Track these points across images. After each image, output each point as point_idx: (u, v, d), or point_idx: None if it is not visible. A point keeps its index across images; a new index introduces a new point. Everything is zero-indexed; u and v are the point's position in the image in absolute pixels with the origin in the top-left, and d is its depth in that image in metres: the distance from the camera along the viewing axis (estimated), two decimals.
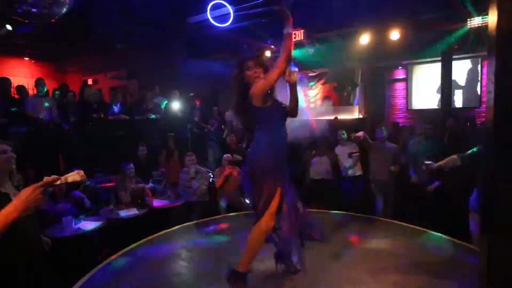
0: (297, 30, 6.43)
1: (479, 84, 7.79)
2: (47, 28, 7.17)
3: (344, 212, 3.67)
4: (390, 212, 4.25)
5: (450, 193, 3.97)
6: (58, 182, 1.38)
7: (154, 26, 6.85)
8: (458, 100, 7.94)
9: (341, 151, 4.85)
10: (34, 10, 3.14)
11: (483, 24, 5.50)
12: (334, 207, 4.06)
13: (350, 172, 4.76)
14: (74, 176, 1.45)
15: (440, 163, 2.96)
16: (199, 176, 4.69)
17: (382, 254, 2.64)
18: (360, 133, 4.17)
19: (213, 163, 5.83)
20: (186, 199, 4.65)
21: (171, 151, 5.48)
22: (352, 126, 6.59)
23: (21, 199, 1.27)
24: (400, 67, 8.69)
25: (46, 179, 1.34)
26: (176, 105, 6.70)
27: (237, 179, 4.67)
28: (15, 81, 6.52)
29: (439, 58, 6.89)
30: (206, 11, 6.48)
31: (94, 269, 2.44)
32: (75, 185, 4.21)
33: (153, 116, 6.44)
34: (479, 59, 7.70)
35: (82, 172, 1.47)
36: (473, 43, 5.98)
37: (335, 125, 6.27)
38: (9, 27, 5.04)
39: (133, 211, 4.17)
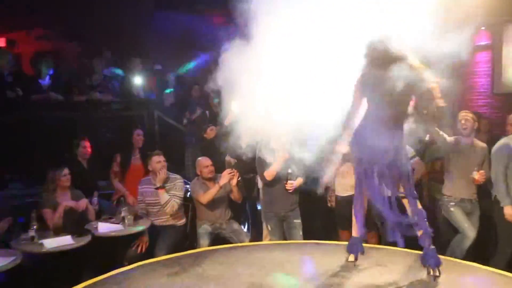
0: None
1: None
2: None
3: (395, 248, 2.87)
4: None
5: None
6: None
7: None
8: None
9: None
10: None
11: None
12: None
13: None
14: None
15: None
16: (170, 186, 4.10)
17: None
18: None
19: (191, 168, 5.17)
20: (149, 221, 4.04)
21: (129, 150, 4.86)
22: None
23: None
24: (483, 28, 6.19)
25: None
26: (137, 81, 6.09)
27: (232, 190, 4.09)
28: None
29: None
30: None
31: None
32: None
33: (102, 97, 5.79)
34: None
35: None
36: None
37: None
38: None
39: (67, 241, 3.59)
